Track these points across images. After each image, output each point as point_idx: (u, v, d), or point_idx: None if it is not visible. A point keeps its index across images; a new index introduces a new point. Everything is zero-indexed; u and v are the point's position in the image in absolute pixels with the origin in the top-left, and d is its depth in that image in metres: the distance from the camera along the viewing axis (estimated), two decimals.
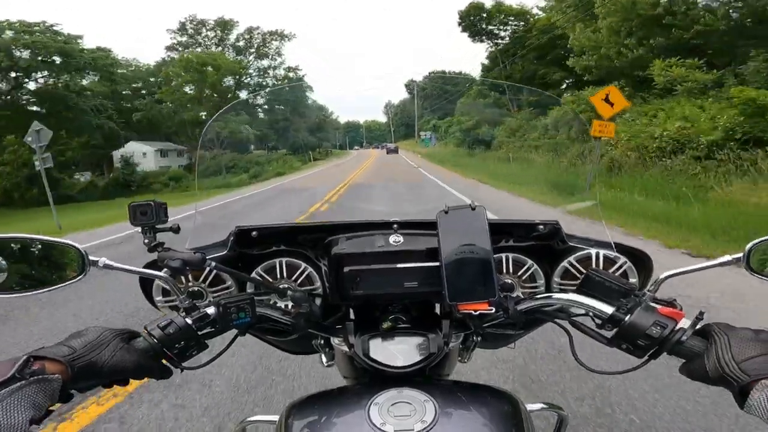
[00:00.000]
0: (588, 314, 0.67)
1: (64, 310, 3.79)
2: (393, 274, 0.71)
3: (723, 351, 0.52)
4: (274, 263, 0.79)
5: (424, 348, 0.69)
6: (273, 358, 2.56)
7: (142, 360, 0.58)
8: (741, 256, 0.61)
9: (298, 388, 2.30)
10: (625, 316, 0.60)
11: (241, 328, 0.68)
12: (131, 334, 0.60)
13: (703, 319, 0.58)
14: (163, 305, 0.78)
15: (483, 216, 0.67)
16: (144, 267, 0.74)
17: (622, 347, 0.61)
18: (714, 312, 2.97)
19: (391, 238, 0.74)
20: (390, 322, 0.73)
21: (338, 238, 0.77)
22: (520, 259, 0.79)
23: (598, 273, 0.68)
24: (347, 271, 0.71)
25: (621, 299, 0.63)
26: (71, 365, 0.52)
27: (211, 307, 0.64)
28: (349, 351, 0.72)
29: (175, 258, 0.65)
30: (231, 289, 0.78)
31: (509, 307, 0.67)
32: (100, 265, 0.63)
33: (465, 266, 0.64)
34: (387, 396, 0.60)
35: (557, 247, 0.79)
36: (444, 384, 0.73)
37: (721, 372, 0.51)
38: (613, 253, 0.76)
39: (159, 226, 0.70)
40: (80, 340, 0.55)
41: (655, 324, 0.58)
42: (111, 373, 0.55)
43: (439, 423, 0.55)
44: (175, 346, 0.61)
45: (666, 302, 0.62)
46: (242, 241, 0.79)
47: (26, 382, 0.46)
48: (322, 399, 0.65)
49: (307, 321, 0.73)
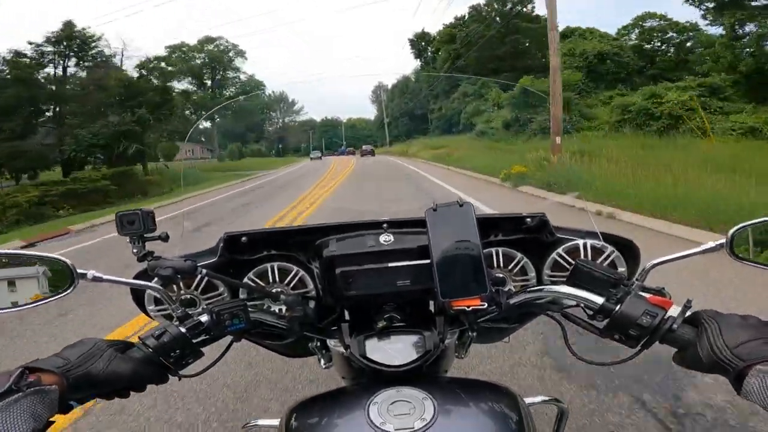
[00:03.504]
0: (579, 305, 0.68)
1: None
2: (385, 273, 0.71)
3: (715, 338, 0.53)
4: (266, 268, 0.78)
5: (420, 346, 0.70)
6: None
7: (138, 369, 0.58)
8: (723, 242, 0.63)
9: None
10: (615, 306, 0.61)
11: (235, 334, 0.67)
12: (126, 344, 0.60)
13: (691, 307, 0.59)
14: (156, 314, 0.77)
15: (471, 212, 0.67)
16: (134, 277, 0.73)
17: (614, 338, 0.62)
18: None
19: (381, 237, 0.74)
20: (385, 321, 0.73)
21: (329, 240, 0.76)
22: (510, 253, 0.79)
23: (586, 264, 0.68)
24: (339, 273, 0.71)
25: (610, 289, 0.64)
26: (66, 376, 0.52)
27: (205, 315, 0.64)
28: (345, 352, 0.72)
29: (166, 266, 0.64)
30: (224, 295, 0.77)
31: (501, 301, 0.67)
32: (89, 278, 0.62)
33: (455, 263, 0.65)
34: (385, 395, 0.60)
35: (546, 240, 0.79)
36: (442, 381, 0.73)
37: (715, 359, 0.52)
38: (600, 242, 0.77)
39: (147, 235, 0.69)
40: (74, 351, 0.55)
41: (645, 313, 0.59)
42: (107, 383, 0.55)
43: (438, 420, 0.56)
44: (171, 354, 0.60)
45: (654, 290, 0.63)
46: (232, 247, 0.79)
47: (23, 394, 0.46)
48: (322, 401, 0.65)
49: (301, 324, 0.73)
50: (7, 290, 0.64)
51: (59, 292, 0.63)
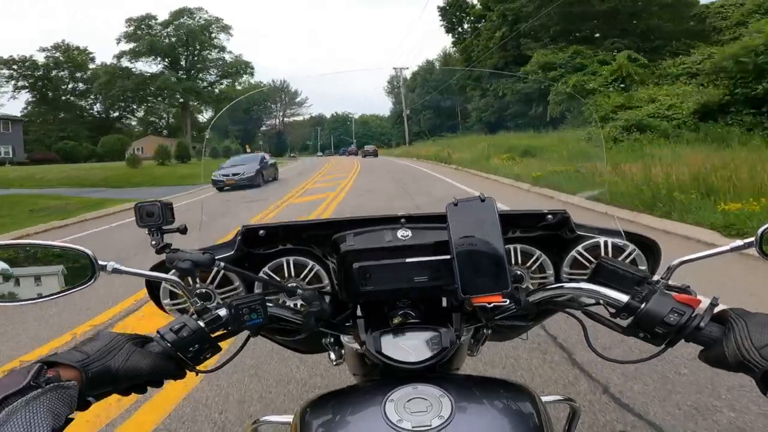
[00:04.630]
0: (599, 303, 0.67)
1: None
2: (402, 269, 0.71)
3: (742, 337, 0.52)
4: (282, 262, 0.78)
5: (436, 343, 0.69)
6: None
7: (156, 363, 0.58)
8: (753, 240, 0.61)
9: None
10: (641, 304, 0.60)
11: (253, 329, 0.67)
12: (144, 338, 0.60)
13: (718, 305, 0.58)
14: (171, 308, 0.77)
15: (493, 207, 0.66)
16: (151, 269, 0.74)
17: (639, 336, 0.61)
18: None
19: (399, 232, 0.73)
20: (400, 318, 0.72)
21: (345, 234, 0.76)
22: (528, 250, 0.78)
23: (610, 261, 0.67)
24: (356, 268, 0.71)
25: (635, 287, 0.63)
26: (86, 370, 0.51)
27: (223, 309, 0.64)
28: (360, 348, 0.72)
29: (185, 259, 0.64)
30: (239, 290, 0.78)
31: (521, 298, 0.67)
32: (108, 270, 0.63)
33: (477, 259, 0.64)
34: (402, 392, 0.59)
35: (566, 237, 0.78)
36: (458, 378, 0.72)
37: (741, 358, 0.51)
38: (622, 241, 0.76)
39: (165, 227, 0.69)
40: (93, 345, 0.54)
41: (673, 311, 0.58)
42: (126, 378, 0.55)
43: (456, 417, 0.55)
44: (189, 349, 0.60)
45: (680, 288, 0.62)
46: (249, 241, 0.79)
47: (42, 391, 0.45)
48: (337, 398, 0.65)
49: (317, 320, 0.72)
50: (33, 282, 0.65)
51: (81, 283, 0.64)
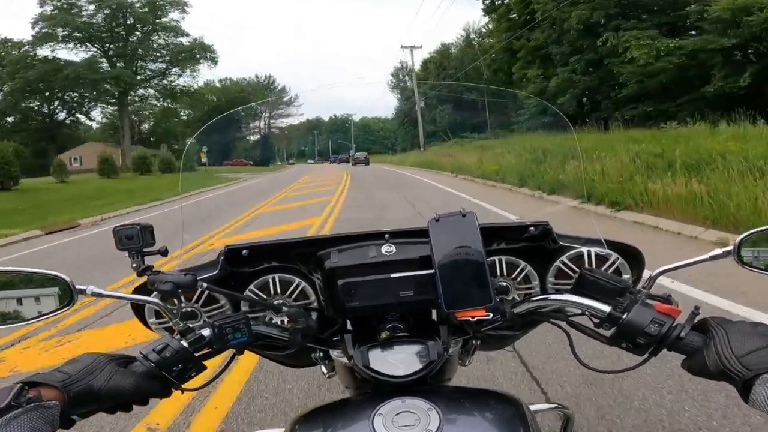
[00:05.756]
0: (584, 314, 0.67)
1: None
2: (387, 284, 0.71)
3: (722, 346, 0.52)
4: (267, 280, 0.78)
5: (424, 356, 0.69)
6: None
7: (140, 382, 0.58)
8: (731, 249, 0.62)
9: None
10: (623, 315, 0.60)
11: (238, 348, 0.67)
12: (127, 358, 0.60)
13: (699, 314, 0.58)
14: (157, 327, 0.77)
15: (474, 221, 0.67)
16: (134, 291, 0.73)
17: (621, 346, 0.61)
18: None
19: (383, 248, 0.73)
20: (388, 332, 0.72)
21: (330, 251, 0.76)
22: (513, 261, 0.79)
23: (592, 272, 0.68)
24: (341, 284, 0.71)
25: (617, 297, 0.64)
26: (67, 390, 0.51)
27: (207, 329, 0.64)
28: (348, 363, 0.72)
29: (166, 281, 0.64)
30: (225, 308, 0.77)
31: (506, 310, 0.67)
32: (88, 293, 0.62)
33: (459, 273, 0.64)
34: (390, 406, 0.59)
35: (549, 247, 0.79)
36: (446, 391, 0.72)
37: (722, 367, 0.51)
38: (605, 250, 0.76)
39: (146, 250, 0.69)
40: (74, 366, 0.55)
41: (653, 321, 0.58)
42: (109, 397, 0.55)
43: (444, 430, 0.55)
44: (173, 368, 0.60)
45: (662, 298, 0.62)
46: (232, 261, 0.78)
47: (23, 410, 0.46)
48: (327, 412, 0.65)
49: (304, 336, 0.72)
50: (15, 306, 0.65)
51: (60, 308, 0.64)
